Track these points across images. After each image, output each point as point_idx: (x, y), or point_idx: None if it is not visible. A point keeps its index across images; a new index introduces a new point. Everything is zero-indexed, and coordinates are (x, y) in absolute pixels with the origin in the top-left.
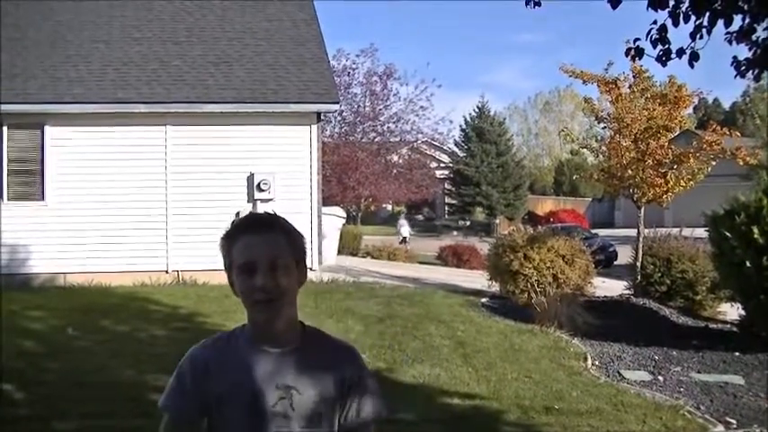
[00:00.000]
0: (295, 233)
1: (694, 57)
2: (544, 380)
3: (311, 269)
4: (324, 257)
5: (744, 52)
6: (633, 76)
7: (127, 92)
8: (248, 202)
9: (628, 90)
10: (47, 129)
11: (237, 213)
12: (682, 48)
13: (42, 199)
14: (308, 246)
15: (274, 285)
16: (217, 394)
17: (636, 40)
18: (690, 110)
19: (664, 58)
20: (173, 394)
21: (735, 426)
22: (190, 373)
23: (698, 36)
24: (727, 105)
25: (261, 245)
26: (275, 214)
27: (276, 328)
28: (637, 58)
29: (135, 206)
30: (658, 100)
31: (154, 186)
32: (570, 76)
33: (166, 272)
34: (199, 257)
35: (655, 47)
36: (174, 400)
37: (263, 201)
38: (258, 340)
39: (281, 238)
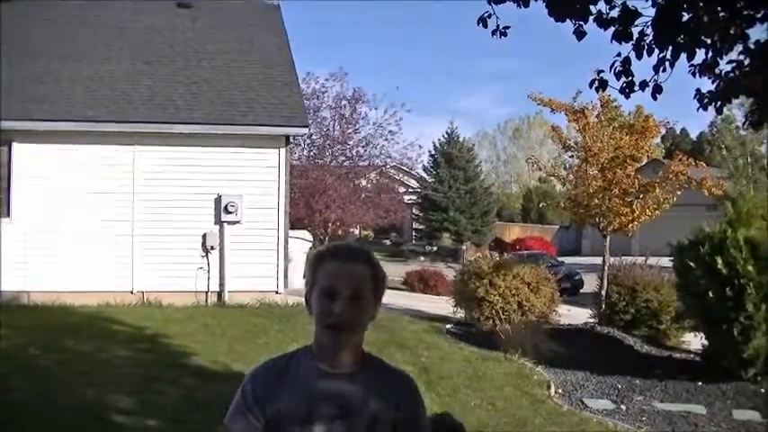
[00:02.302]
0: (379, 270)
1: (657, 89)
2: (507, 407)
3: (276, 292)
4: (290, 281)
5: (707, 85)
6: (601, 106)
7: (96, 110)
8: (215, 224)
9: (595, 119)
10: (14, 145)
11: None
12: (645, 80)
13: (8, 215)
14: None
15: (349, 314)
16: (276, 412)
17: (600, 71)
18: (657, 139)
19: (627, 90)
20: (236, 412)
21: None
22: (251, 392)
23: (661, 69)
24: (694, 135)
25: (346, 273)
26: (365, 248)
27: (340, 352)
28: (600, 90)
29: (101, 225)
30: (625, 129)
31: (120, 206)
32: (539, 104)
33: (131, 292)
34: (164, 278)
35: (618, 79)
36: (237, 418)
37: (229, 223)
38: (320, 361)
39: (367, 271)
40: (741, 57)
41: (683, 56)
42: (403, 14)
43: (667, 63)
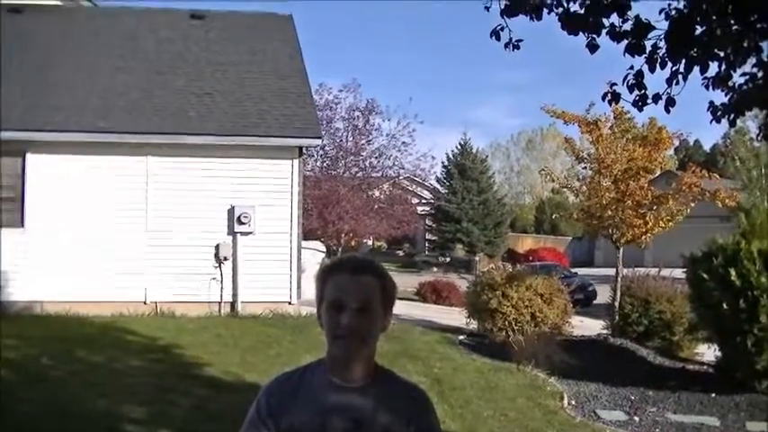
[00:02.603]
0: (388, 281)
1: (670, 102)
2: (520, 418)
3: (289, 303)
4: (303, 291)
5: (720, 97)
6: (614, 118)
7: (108, 121)
8: (228, 234)
9: (608, 131)
10: (28, 156)
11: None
12: (658, 93)
13: (21, 226)
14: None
15: (357, 326)
16: (289, 425)
17: (613, 84)
18: (671, 151)
19: (640, 104)
20: (250, 426)
21: None
22: (265, 406)
23: (674, 82)
24: (708, 147)
25: (353, 286)
26: (373, 260)
27: (351, 364)
28: (613, 103)
29: (114, 236)
30: (639, 141)
31: (133, 216)
32: (552, 116)
33: (145, 302)
34: (177, 289)
35: (631, 92)
36: (250, 429)
37: (243, 234)
38: (333, 374)
39: (375, 283)
40: (754, 69)
41: (696, 69)
42: (416, 26)
43: (680, 76)
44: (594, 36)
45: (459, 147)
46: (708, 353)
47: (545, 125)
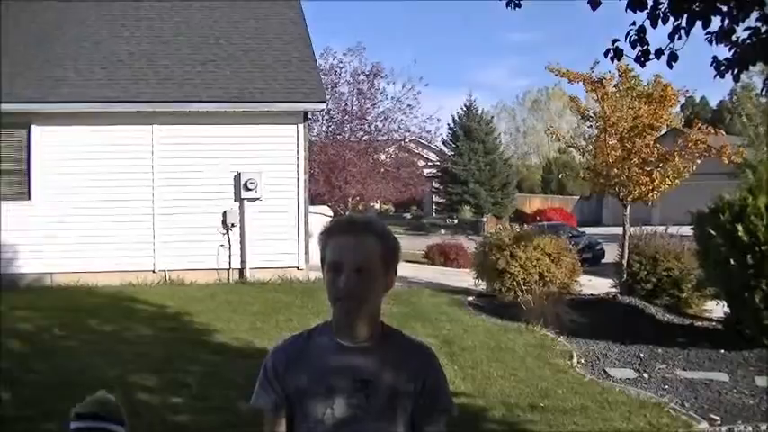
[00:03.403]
0: (389, 240)
1: (673, 57)
2: (530, 378)
3: (298, 268)
4: (311, 256)
5: (724, 52)
6: (619, 76)
7: (113, 91)
8: (235, 201)
9: (613, 89)
10: (33, 128)
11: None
12: (660, 49)
13: (29, 198)
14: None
15: (356, 288)
16: (297, 387)
17: (615, 41)
18: (677, 108)
19: (642, 59)
20: (260, 389)
21: (719, 422)
22: (272, 369)
23: (677, 37)
24: (714, 104)
25: (351, 247)
26: (373, 219)
27: (355, 325)
28: (616, 59)
29: (121, 205)
30: (644, 99)
31: (140, 185)
32: (557, 75)
33: (153, 271)
34: (186, 256)
35: (634, 48)
36: (262, 394)
37: (250, 200)
38: (338, 335)
39: (374, 243)
40: (758, 24)
41: (699, 24)
42: None
43: (683, 31)
44: None
45: (464, 108)
46: (716, 309)
47: (550, 85)
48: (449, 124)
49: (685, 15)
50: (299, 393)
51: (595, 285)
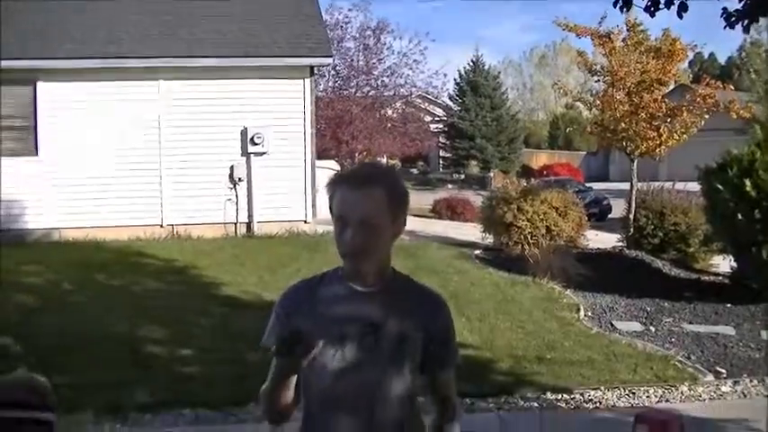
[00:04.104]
0: (396, 188)
1: (683, 7)
2: (537, 330)
3: (305, 222)
4: (318, 210)
5: (734, 3)
6: (627, 30)
7: (119, 47)
8: (242, 155)
9: (621, 43)
10: (39, 84)
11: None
12: None
13: (36, 154)
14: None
15: (361, 241)
16: (306, 329)
17: None
18: (685, 64)
19: (652, 9)
20: (271, 332)
21: (725, 375)
22: (283, 310)
23: None
24: (723, 60)
25: (356, 200)
26: (380, 167)
27: (364, 274)
28: (625, 9)
29: (128, 160)
30: (652, 53)
31: (147, 140)
32: (564, 29)
33: (161, 226)
34: (193, 211)
35: None
36: (272, 334)
37: (256, 154)
38: (348, 280)
39: (380, 193)
40: None
41: None
42: None
43: None
44: None
45: (471, 64)
46: (723, 264)
47: (558, 40)
48: (455, 79)
49: None
50: (308, 336)
51: (602, 240)
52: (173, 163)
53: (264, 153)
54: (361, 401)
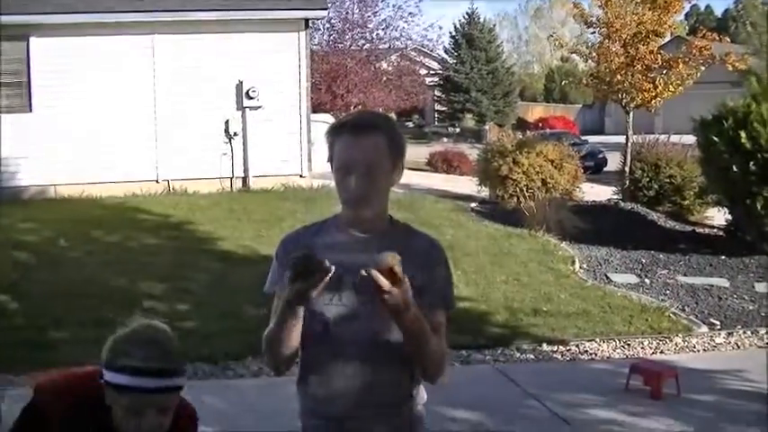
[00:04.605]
0: (395, 135)
1: None
2: (532, 282)
3: (301, 176)
4: (313, 164)
5: None
6: None
7: (112, 1)
8: (237, 109)
9: None
10: (32, 40)
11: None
12: None
13: (30, 110)
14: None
15: (364, 189)
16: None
17: None
18: (681, 16)
19: None
20: (273, 276)
21: (719, 327)
22: (283, 254)
23: None
24: (719, 12)
25: (359, 147)
26: (380, 115)
27: (364, 219)
28: None
29: (123, 116)
30: (648, 5)
31: (142, 95)
32: None
33: (156, 181)
34: (188, 166)
35: None
36: (275, 279)
37: (252, 108)
38: (348, 226)
39: (381, 140)
40: None
41: None
42: None
43: None
44: None
45: (466, 16)
46: (718, 216)
47: None
48: (450, 32)
49: None
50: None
51: (598, 192)
52: (167, 118)
53: (260, 107)
54: (360, 346)
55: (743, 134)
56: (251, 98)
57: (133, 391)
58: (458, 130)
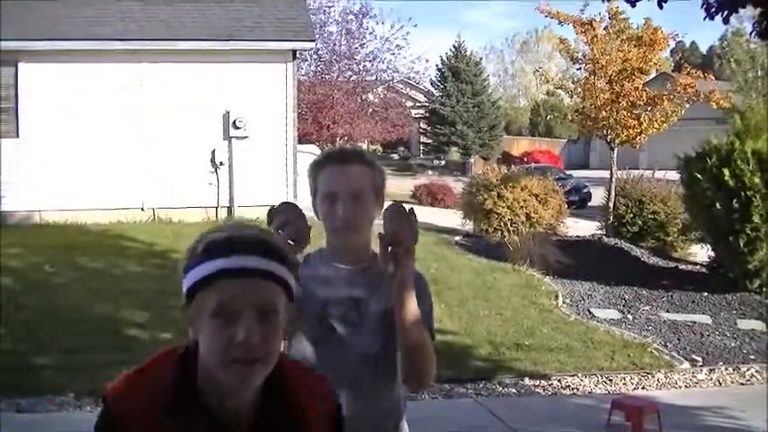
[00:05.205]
0: (376, 167)
1: None
2: (515, 317)
3: None
4: (299, 194)
5: None
6: (609, 18)
7: (101, 29)
8: (224, 139)
9: (603, 32)
10: (21, 66)
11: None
12: None
13: (17, 136)
14: (286, 182)
15: (352, 215)
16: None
17: None
18: (667, 53)
19: None
20: None
21: (701, 363)
22: None
23: None
24: (704, 49)
25: (344, 176)
26: (359, 149)
27: (350, 249)
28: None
29: (110, 143)
30: (634, 42)
31: (129, 124)
32: (546, 16)
33: (142, 209)
34: (174, 194)
35: None
36: None
37: (238, 138)
38: (333, 259)
39: (364, 170)
40: None
41: None
42: None
43: None
44: None
45: (453, 49)
46: (701, 253)
47: (540, 27)
48: (437, 65)
49: None
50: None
51: (582, 227)
52: (154, 146)
53: (246, 137)
54: (347, 378)
55: (726, 172)
56: (237, 128)
57: (224, 277)
58: (443, 162)
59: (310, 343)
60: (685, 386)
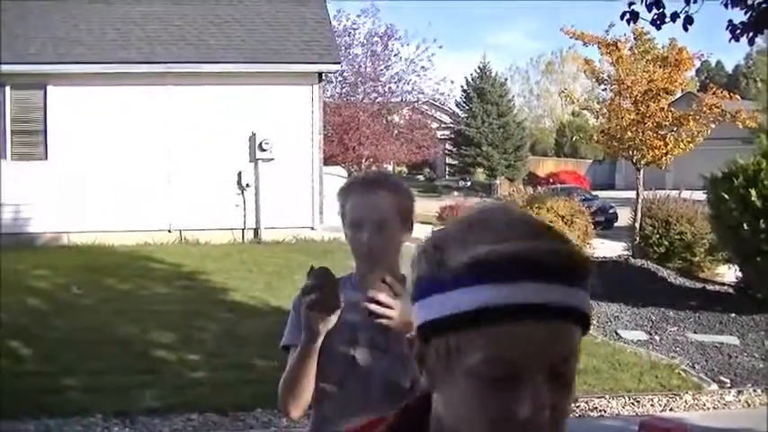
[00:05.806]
0: (404, 194)
1: (688, 20)
2: None
3: (312, 228)
4: (325, 217)
5: (740, 16)
6: (634, 39)
7: (128, 52)
8: (250, 161)
9: (628, 52)
10: (49, 89)
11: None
12: (676, 12)
13: (45, 158)
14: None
15: (378, 242)
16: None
17: (631, 3)
18: (692, 72)
19: (658, 22)
20: (291, 329)
21: (729, 385)
22: (300, 305)
23: (692, 0)
24: (729, 69)
25: (370, 204)
26: (389, 175)
27: (377, 275)
28: (632, 22)
29: (137, 165)
30: (659, 62)
31: (155, 146)
32: (571, 37)
33: (169, 231)
34: (201, 216)
35: (650, 11)
36: (294, 332)
37: (264, 160)
38: (361, 284)
39: (390, 198)
40: None
41: None
42: None
43: None
44: None
45: (478, 70)
46: (728, 273)
47: (564, 48)
48: (462, 86)
49: None
50: (325, 337)
51: (608, 248)
52: (181, 168)
53: (272, 159)
54: (375, 403)
55: (753, 192)
56: (264, 150)
57: (507, 318)
58: (468, 183)
59: (339, 367)
60: (713, 408)
